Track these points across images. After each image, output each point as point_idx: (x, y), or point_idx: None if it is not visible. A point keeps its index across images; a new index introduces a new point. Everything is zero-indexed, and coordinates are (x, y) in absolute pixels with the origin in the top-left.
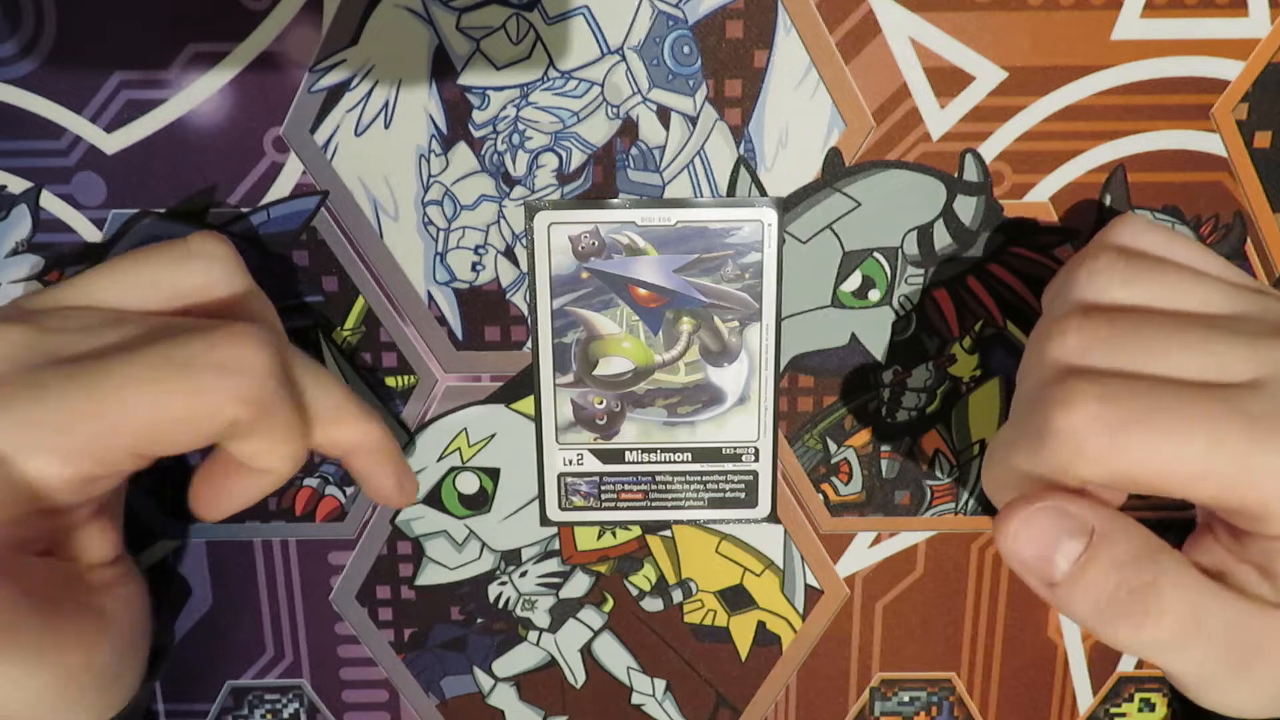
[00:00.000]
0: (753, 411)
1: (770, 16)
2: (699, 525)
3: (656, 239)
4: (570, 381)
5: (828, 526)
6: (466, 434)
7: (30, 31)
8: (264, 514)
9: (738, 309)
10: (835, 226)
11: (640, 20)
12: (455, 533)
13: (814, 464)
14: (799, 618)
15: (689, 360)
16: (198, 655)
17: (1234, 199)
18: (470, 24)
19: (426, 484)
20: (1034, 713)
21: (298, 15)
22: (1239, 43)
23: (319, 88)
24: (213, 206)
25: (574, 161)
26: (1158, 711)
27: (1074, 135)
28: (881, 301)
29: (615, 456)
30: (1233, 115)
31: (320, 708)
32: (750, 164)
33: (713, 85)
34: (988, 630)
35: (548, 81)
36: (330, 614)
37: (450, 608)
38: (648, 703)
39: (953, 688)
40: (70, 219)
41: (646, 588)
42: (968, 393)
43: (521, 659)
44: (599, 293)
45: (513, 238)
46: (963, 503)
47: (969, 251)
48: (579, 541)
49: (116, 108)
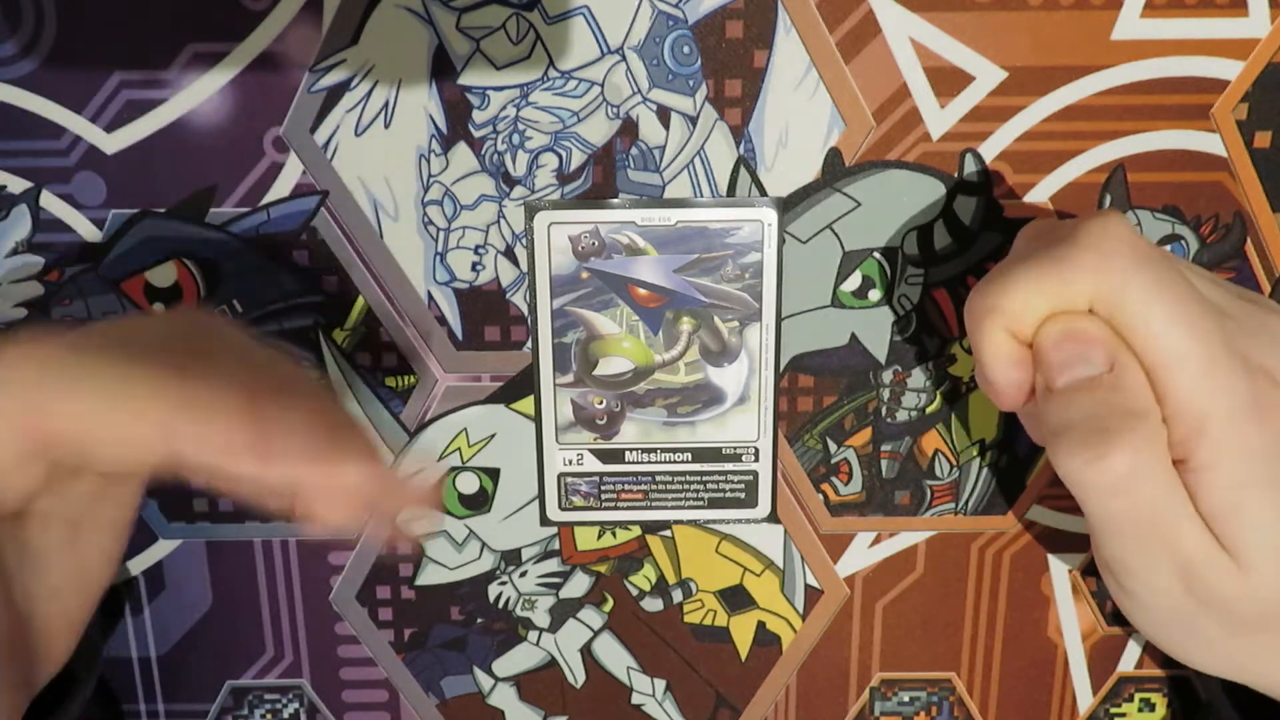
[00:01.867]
0: (753, 411)
1: (770, 16)
2: (699, 525)
3: (656, 239)
4: (570, 381)
5: (828, 526)
6: (466, 434)
7: (30, 31)
8: (264, 514)
9: (738, 309)
10: (835, 226)
11: (640, 20)
12: (455, 533)
13: (814, 464)
14: (799, 618)
15: (689, 360)
16: (198, 655)
17: (1234, 199)
18: (470, 24)
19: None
20: (1034, 713)
21: (298, 15)
22: (1239, 43)
23: (319, 88)
24: (213, 206)
25: (574, 161)
26: (1158, 711)
27: (1074, 135)
28: (881, 301)
29: (615, 456)
30: (1233, 115)
31: (320, 708)
32: (750, 164)
33: (713, 85)
34: (988, 630)
35: (548, 81)
36: (330, 614)
37: (450, 608)
38: (648, 703)
39: (953, 688)
40: (70, 219)
41: (646, 588)
42: (968, 393)
43: (521, 659)
44: (599, 293)
45: (513, 238)
46: (963, 503)
47: (969, 251)
48: (579, 541)
49: (116, 108)
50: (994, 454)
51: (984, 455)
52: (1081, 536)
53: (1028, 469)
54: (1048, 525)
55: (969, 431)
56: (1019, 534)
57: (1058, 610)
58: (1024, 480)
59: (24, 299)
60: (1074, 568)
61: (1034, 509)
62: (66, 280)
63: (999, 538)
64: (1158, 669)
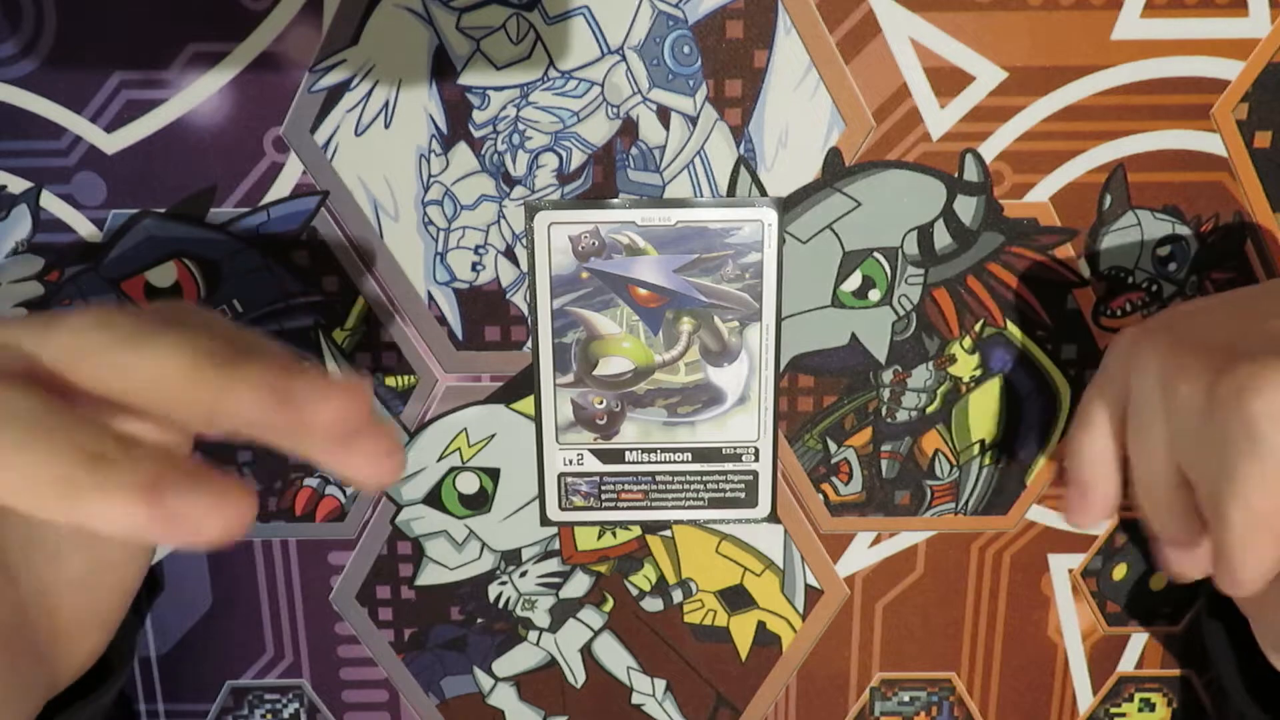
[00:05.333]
0: (753, 411)
1: (770, 16)
2: (699, 525)
3: (656, 239)
4: (570, 381)
5: (828, 526)
6: (466, 434)
7: (30, 31)
8: (264, 514)
9: (738, 309)
10: (835, 226)
11: (640, 20)
12: (455, 533)
13: (814, 464)
14: (799, 618)
15: (689, 360)
16: (198, 655)
17: (1234, 199)
18: (470, 24)
19: (426, 484)
20: (1034, 713)
21: (298, 15)
22: (1239, 43)
23: (319, 88)
24: (213, 206)
25: (574, 161)
26: (1158, 711)
27: (1074, 135)
28: (881, 301)
29: (615, 456)
30: (1233, 115)
31: (320, 708)
32: (750, 164)
33: (713, 85)
34: (988, 630)
35: (548, 81)
36: (330, 614)
37: (450, 608)
38: (648, 703)
39: (953, 688)
40: (70, 219)
41: (646, 588)
42: (968, 393)
43: (521, 659)
44: (599, 293)
45: (513, 238)
46: (963, 503)
47: (969, 251)
48: (579, 541)
49: (116, 108)
50: (994, 454)
51: (984, 455)
52: (1081, 536)
53: (1028, 469)
54: (1048, 525)
55: (969, 431)
56: (1019, 534)
57: (1058, 610)
58: (1024, 480)
59: (24, 299)
60: (1074, 568)
61: (1034, 509)
62: (66, 280)
63: (999, 538)
64: (1158, 669)
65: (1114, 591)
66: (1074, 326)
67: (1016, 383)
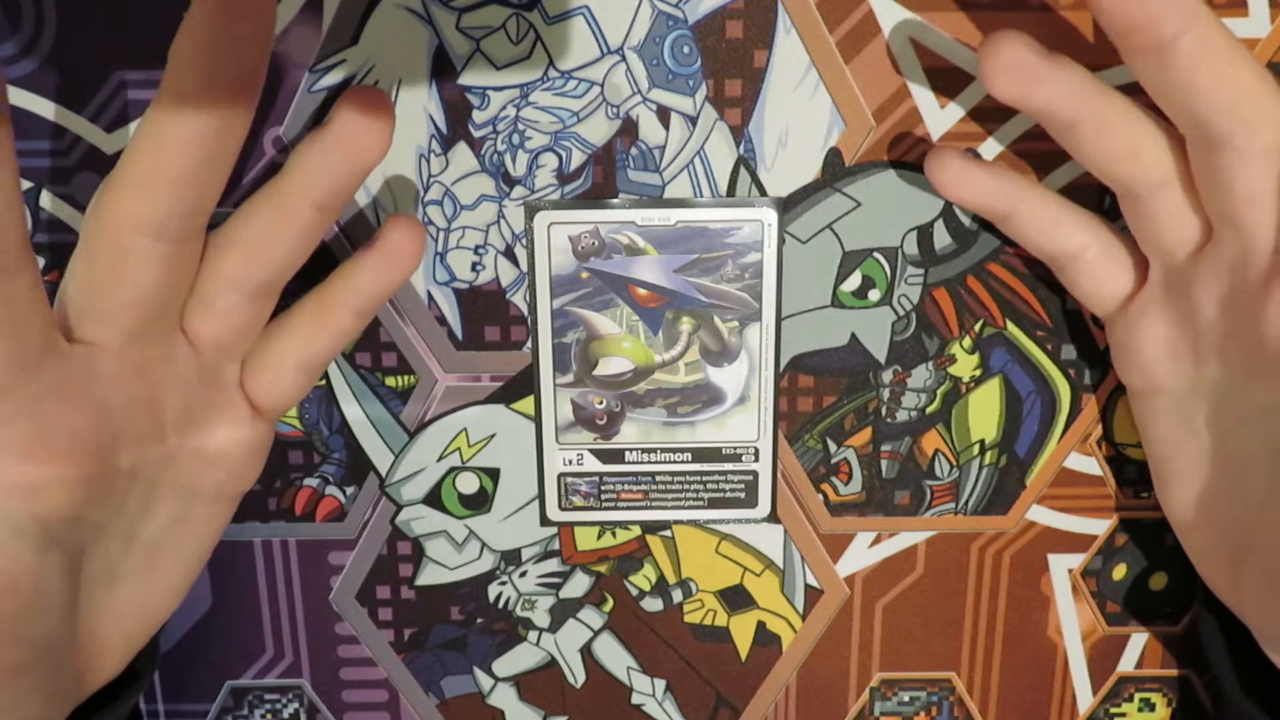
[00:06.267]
0: (753, 411)
1: (770, 16)
2: (699, 525)
3: (656, 239)
4: (570, 381)
5: (828, 526)
6: (466, 434)
7: (30, 31)
8: (264, 514)
9: (738, 309)
10: (835, 226)
11: (640, 20)
12: (455, 533)
13: (814, 464)
14: (799, 618)
15: (689, 360)
16: (197, 655)
17: None
18: (470, 24)
19: (426, 484)
20: (1034, 713)
21: (298, 15)
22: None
23: (319, 88)
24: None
25: (574, 161)
26: (1158, 711)
27: None
28: (881, 301)
29: (615, 456)
30: None
31: (320, 708)
32: (750, 164)
33: (713, 85)
34: (988, 630)
35: (548, 81)
36: (330, 614)
37: (450, 608)
38: (648, 703)
39: (953, 688)
40: (70, 219)
41: (646, 588)
42: (968, 393)
43: (521, 659)
44: (599, 293)
45: (513, 238)
46: (963, 503)
47: (969, 251)
48: (579, 541)
49: (116, 108)
50: (994, 454)
51: (984, 455)
52: (1081, 537)
53: (1028, 469)
54: (1048, 525)
55: (969, 431)
56: (1019, 534)
57: (1058, 610)
58: (1024, 480)
59: None
60: (1074, 568)
61: (1034, 509)
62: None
63: (999, 538)
64: (1158, 669)
65: (1114, 591)
66: (1074, 326)
67: (1016, 383)
